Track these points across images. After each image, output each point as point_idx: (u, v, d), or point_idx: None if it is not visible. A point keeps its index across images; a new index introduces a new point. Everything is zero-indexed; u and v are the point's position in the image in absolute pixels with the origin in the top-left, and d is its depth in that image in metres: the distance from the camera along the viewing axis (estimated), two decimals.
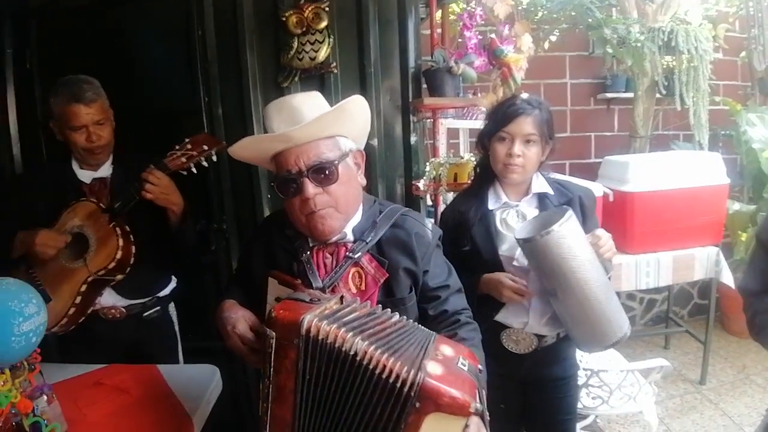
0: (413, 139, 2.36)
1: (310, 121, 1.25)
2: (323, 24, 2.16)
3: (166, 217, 1.89)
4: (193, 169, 1.83)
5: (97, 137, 1.87)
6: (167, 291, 2.10)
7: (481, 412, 0.98)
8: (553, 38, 3.81)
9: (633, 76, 3.72)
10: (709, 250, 3.11)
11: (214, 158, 1.83)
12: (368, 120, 1.39)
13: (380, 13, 2.26)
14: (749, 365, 3.53)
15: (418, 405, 0.96)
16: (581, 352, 1.98)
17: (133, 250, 1.83)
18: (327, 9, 2.16)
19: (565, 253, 1.54)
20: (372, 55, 2.25)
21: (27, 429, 1.23)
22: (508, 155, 1.67)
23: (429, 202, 2.58)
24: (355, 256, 1.32)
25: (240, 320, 1.25)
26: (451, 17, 3.11)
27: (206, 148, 1.81)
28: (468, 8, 2.64)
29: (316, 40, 2.17)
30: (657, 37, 3.31)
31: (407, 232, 1.36)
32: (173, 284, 2.14)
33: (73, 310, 1.81)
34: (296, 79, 2.23)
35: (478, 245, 1.71)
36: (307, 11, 2.15)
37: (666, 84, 3.49)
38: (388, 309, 1.17)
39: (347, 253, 1.33)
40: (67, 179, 1.93)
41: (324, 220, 1.29)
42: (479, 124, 1.86)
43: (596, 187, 2.73)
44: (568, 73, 4.07)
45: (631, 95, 3.85)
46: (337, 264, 1.33)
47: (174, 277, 2.15)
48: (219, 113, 2.31)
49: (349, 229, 1.35)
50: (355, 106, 1.32)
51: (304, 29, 2.16)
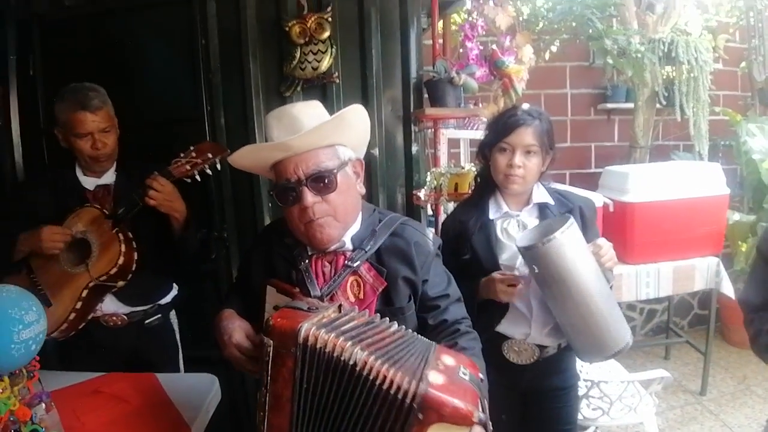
0: (414, 148, 2.37)
1: (309, 130, 1.25)
2: (326, 34, 2.18)
3: (169, 224, 1.90)
4: (197, 177, 1.84)
5: (102, 144, 1.88)
6: (168, 298, 2.10)
7: (485, 422, 0.98)
8: (553, 48, 3.82)
9: (633, 87, 3.73)
10: (709, 260, 3.10)
11: (218, 166, 1.84)
12: (368, 129, 1.40)
13: (382, 23, 2.27)
14: (750, 376, 3.52)
15: (421, 416, 0.95)
16: (581, 363, 1.97)
17: (136, 257, 1.84)
18: (330, 19, 2.18)
19: (567, 260, 1.53)
20: (374, 66, 2.26)
21: None
22: (508, 166, 1.67)
23: (430, 212, 2.58)
24: (354, 265, 1.32)
25: (237, 329, 1.25)
26: (452, 28, 3.13)
27: (211, 156, 1.82)
28: (469, 19, 2.66)
29: (318, 50, 2.19)
30: (657, 47, 3.33)
31: (406, 242, 1.35)
32: (174, 292, 2.14)
33: (73, 315, 1.81)
34: (298, 88, 2.25)
35: (479, 254, 1.71)
36: (310, 21, 2.17)
37: (666, 94, 3.50)
38: (387, 318, 1.17)
39: (346, 261, 1.33)
40: (70, 186, 1.94)
41: (323, 229, 1.29)
42: (480, 134, 1.87)
43: (596, 198, 2.73)
44: (569, 83, 4.09)
45: (631, 105, 3.86)
46: (336, 273, 1.33)
47: (175, 284, 2.15)
48: (221, 122, 2.32)
49: (347, 237, 1.34)
50: (355, 115, 1.32)
51: (306, 39, 2.18)
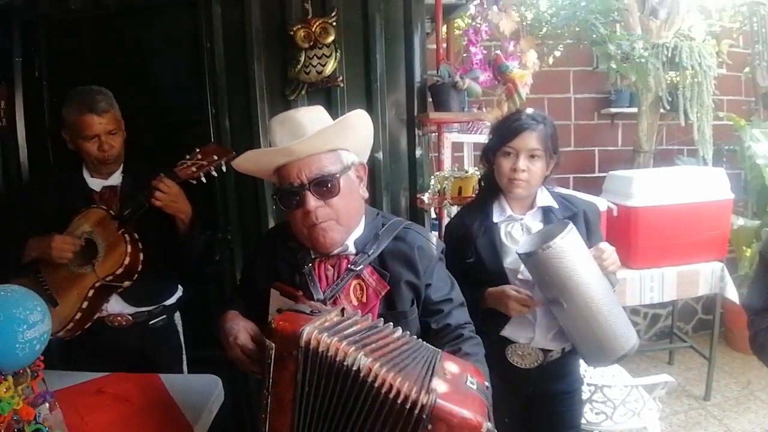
0: (418, 152, 2.37)
1: (312, 135, 1.26)
2: (330, 38, 2.19)
3: (174, 225, 1.91)
4: (203, 179, 1.85)
5: (109, 147, 1.90)
6: (173, 300, 2.11)
7: None
8: (557, 53, 3.83)
9: (637, 92, 3.73)
10: (713, 265, 3.09)
11: (223, 168, 1.85)
12: (371, 134, 1.40)
13: (386, 28, 2.28)
14: (754, 381, 3.51)
15: (430, 427, 0.95)
16: (585, 367, 1.97)
17: (141, 257, 1.85)
18: (334, 24, 2.19)
19: (568, 266, 1.53)
20: (378, 70, 2.27)
21: None
22: (512, 170, 1.68)
23: (433, 215, 2.58)
24: (357, 269, 1.32)
25: (241, 331, 1.26)
26: (456, 32, 3.14)
27: (216, 158, 1.83)
28: (473, 24, 2.67)
29: (323, 54, 2.20)
30: (661, 52, 3.32)
31: (409, 246, 1.36)
32: (179, 293, 2.15)
33: (79, 315, 1.82)
34: (303, 92, 2.26)
35: (483, 258, 1.71)
36: (315, 26, 2.18)
37: (670, 99, 3.49)
38: (391, 323, 1.17)
39: (349, 265, 1.33)
40: (77, 187, 1.96)
41: (325, 233, 1.29)
42: (484, 138, 1.87)
43: (600, 202, 2.72)
44: (572, 87, 4.09)
45: (635, 110, 3.86)
46: (339, 276, 1.33)
47: (180, 286, 2.16)
48: (226, 124, 2.33)
49: (351, 241, 1.35)
50: (357, 119, 1.33)
51: (311, 43, 2.19)
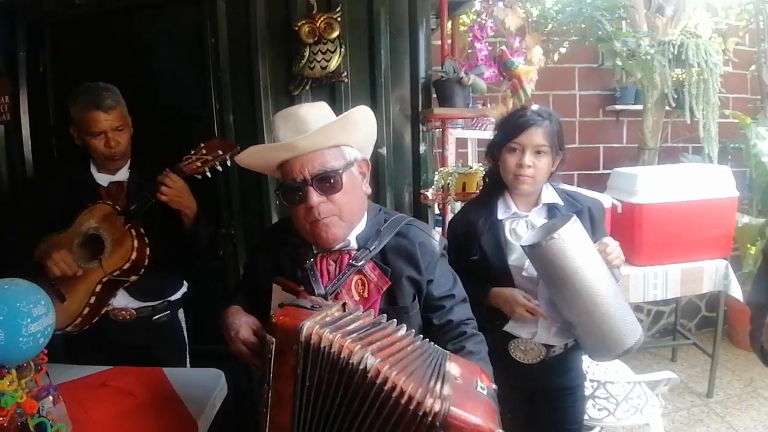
0: (422, 148, 2.37)
1: (315, 131, 1.26)
2: (335, 34, 2.18)
3: (179, 221, 1.91)
4: (208, 174, 1.85)
5: (116, 143, 1.90)
6: (178, 295, 2.12)
7: None
8: (562, 50, 3.82)
9: (642, 89, 3.72)
10: (717, 263, 3.09)
11: (228, 163, 1.85)
12: (374, 130, 1.40)
13: (391, 23, 2.28)
14: (756, 378, 3.51)
15: None
16: (588, 363, 1.96)
17: (148, 252, 1.86)
18: (339, 19, 2.19)
19: (571, 258, 1.53)
20: (383, 65, 2.27)
21: (32, 429, 1.23)
22: (518, 166, 1.67)
23: (437, 211, 2.58)
24: (358, 264, 1.32)
25: (243, 325, 1.26)
26: (461, 28, 3.13)
27: (221, 152, 1.83)
28: (478, 20, 2.66)
29: (327, 49, 2.20)
30: (667, 50, 3.31)
31: (411, 241, 1.36)
32: (184, 289, 2.15)
33: (87, 309, 1.83)
34: (307, 88, 2.25)
35: (487, 255, 1.71)
36: (320, 21, 2.17)
37: (676, 97, 3.48)
38: (394, 320, 1.17)
39: (350, 260, 1.33)
40: (84, 182, 1.96)
41: (328, 228, 1.29)
42: (488, 134, 1.87)
43: (605, 199, 2.72)
44: (578, 84, 4.08)
45: (640, 107, 3.85)
46: (341, 271, 1.33)
47: (185, 281, 2.16)
48: (230, 120, 2.34)
49: (353, 237, 1.35)
50: (360, 115, 1.32)
51: (316, 39, 2.19)
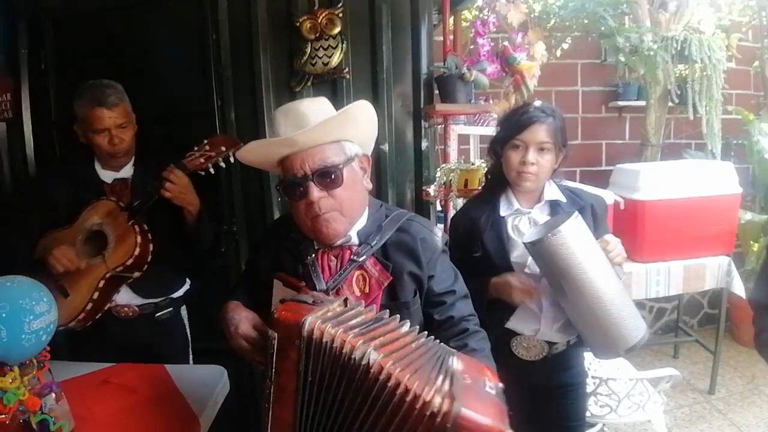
0: (424, 144, 2.36)
1: (315, 126, 1.25)
2: (336, 30, 2.18)
3: (183, 217, 1.91)
4: (211, 170, 1.86)
5: (120, 140, 1.91)
6: (181, 292, 2.12)
7: None
8: (565, 46, 3.80)
9: (645, 85, 3.70)
10: (720, 259, 3.08)
11: (231, 159, 1.84)
12: (374, 125, 1.39)
13: (393, 19, 2.27)
14: (759, 375, 3.50)
15: None
16: (590, 360, 1.96)
17: (151, 248, 1.86)
18: (340, 15, 2.18)
19: (573, 253, 1.52)
20: (384, 61, 2.26)
21: (35, 426, 1.23)
22: (521, 163, 1.66)
23: (439, 208, 2.58)
24: (360, 260, 1.32)
25: (243, 321, 1.26)
26: (463, 24, 3.12)
27: (224, 149, 1.83)
28: (481, 16, 2.65)
29: (329, 45, 2.19)
30: (670, 45, 3.30)
31: (413, 237, 1.35)
32: (187, 286, 2.15)
33: (90, 305, 1.83)
34: (309, 84, 2.25)
35: (490, 251, 1.70)
36: (321, 17, 2.17)
37: (679, 93, 3.47)
38: (397, 316, 1.17)
39: (352, 256, 1.33)
40: (89, 179, 1.97)
41: (328, 224, 1.29)
42: (490, 130, 1.86)
43: (607, 195, 2.71)
44: (580, 80, 4.06)
45: (642, 103, 3.83)
46: (342, 267, 1.33)
47: (188, 279, 2.16)
48: (232, 116, 2.33)
49: (354, 232, 1.35)
50: (361, 110, 1.32)
51: (317, 35, 2.18)
